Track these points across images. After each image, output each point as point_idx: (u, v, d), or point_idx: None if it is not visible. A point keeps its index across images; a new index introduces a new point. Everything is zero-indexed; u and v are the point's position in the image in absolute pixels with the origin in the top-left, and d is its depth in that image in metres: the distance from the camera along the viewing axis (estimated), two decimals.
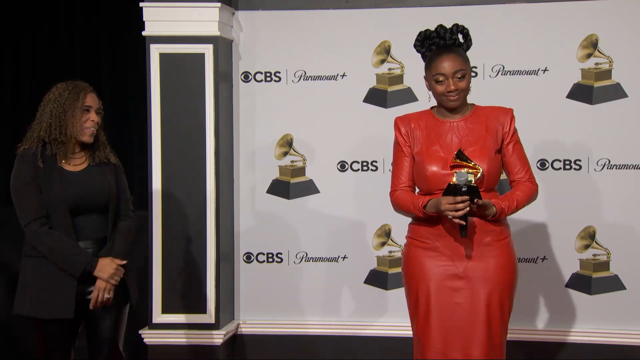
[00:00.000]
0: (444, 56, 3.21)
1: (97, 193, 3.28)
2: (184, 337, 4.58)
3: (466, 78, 3.21)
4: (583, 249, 4.52)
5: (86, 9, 5.37)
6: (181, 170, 4.54)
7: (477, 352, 3.14)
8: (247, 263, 4.80)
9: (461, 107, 3.27)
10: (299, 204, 4.74)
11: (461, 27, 3.27)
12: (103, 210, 3.30)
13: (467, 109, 3.29)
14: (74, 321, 3.27)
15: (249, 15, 4.72)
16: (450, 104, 3.23)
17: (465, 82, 3.21)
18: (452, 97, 3.21)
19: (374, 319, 4.71)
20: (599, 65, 4.45)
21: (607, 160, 4.47)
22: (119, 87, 5.34)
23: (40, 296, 3.20)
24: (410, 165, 3.30)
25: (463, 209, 3.03)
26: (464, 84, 3.21)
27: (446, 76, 3.19)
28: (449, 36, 3.23)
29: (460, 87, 3.20)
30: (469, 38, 3.28)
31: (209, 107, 4.52)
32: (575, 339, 4.51)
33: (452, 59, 3.20)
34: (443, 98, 3.23)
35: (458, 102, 3.23)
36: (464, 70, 3.20)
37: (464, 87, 3.21)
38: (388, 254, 4.70)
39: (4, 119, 5.49)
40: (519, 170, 3.27)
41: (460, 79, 3.20)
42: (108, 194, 3.31)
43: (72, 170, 3.28)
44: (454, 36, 3.24)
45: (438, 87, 3.21)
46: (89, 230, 3.27)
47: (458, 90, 3.20)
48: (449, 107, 3.25)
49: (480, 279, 3.16)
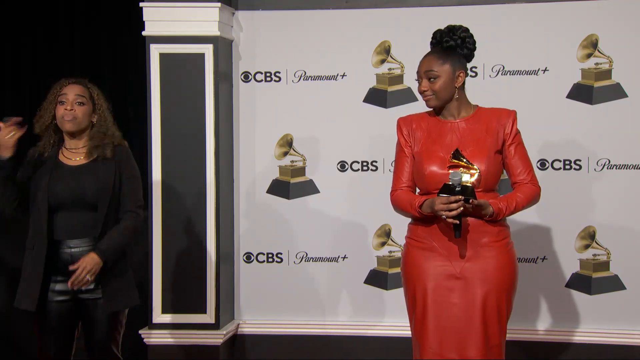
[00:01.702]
0: (426, 56, 3.25)
1: (84, 188, 3.27)
2: (184, 337, 4.58)
3: (440, 80, 3.19)
4: (583, 249, 4.52)
5: (86, 8, 5.36)
6: (181, 170, 4.54)
7: (473, 352, 3.13)
8: (247, 263, 4.80)
9: (461, 107, 3.27)
10: (299, 204, 4.74)
11: (463, 29, 3.25)
12: (94, 208, 3.29)
13: (469, 110, 3.29)
14: (69, 320, 3.28)
15: (249, 15, 4.72)
16: (427, 104, 3.27)
17: (439, 85, 3.20)
18: (425, 97, 3.24)
19: (374, 319, 4.71)
20: (599, 65, 4.45)
21: (607, 160, 4.47)
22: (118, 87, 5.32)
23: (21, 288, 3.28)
24: (410, 166, 3.30)
25: (457, 209, 3.03)
26: (435, 86, 3.20)
27: (420, 75, 3.23)
28: (444, 37, 3.23)
29: (431, 88, 3.21)
30: (469, 42, 3.24)
31: (209, 107, 4.53)
32: (575, 339, 4.51)
33: (429, 59, 3.23)
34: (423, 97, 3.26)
35: (433, 103, 3.24)
36: (434, 72, 3.19)
37: (436, 89, 3.20)
38: (388, 254, 4.70)
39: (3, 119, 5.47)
40: (521, 172, 3.26)
41: (432, 80, 3.20)
42: (97, 191, 3.28)
43: (68, 164, 3.29)
44: (447, 38, 3.23)
45: (418, 85, 3.25)
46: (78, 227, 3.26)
47: (429, 91, 3.21)
48: (428, 106, 3.28)
49: (478, 280, 3.16)
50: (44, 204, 3.23)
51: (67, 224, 3.26)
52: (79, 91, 3.34)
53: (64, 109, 3.31)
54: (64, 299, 3.27)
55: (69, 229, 3.26)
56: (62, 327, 3.27)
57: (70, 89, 3.33)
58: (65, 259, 3.25)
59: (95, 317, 3.29)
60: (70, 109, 3.30)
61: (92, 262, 3.21)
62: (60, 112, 3.31)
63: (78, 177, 3.28)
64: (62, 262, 3.25)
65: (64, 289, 3.26)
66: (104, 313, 3.29)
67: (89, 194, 3.27)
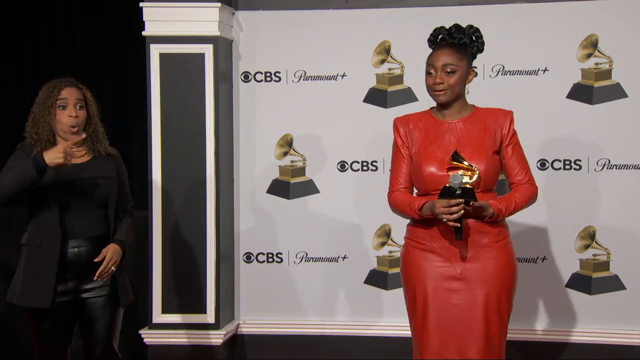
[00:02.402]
0: (439, 50, 3.21)
1: (93, 187, 3.25)
2: (184, 337, 4.58)
3: (457, 75, 3.18)
4: (583, 249, 4.52)
5: (86, 9, 5.36)
6: (181, 170, 4.54)
7: (474, 353, 3.13)
8: (247, 263, 4.80)
9: (460, 107, 3.26)
10: (298, 204, 4.74)
11: (474, 29, 3.25)
12: (101, 205, 3.28)
13: (466, 110, 3.28)
14: (68, 320, 3.27)
15: (249, 15, 4.72)
16: (437, 98, 3.22)
17: (455, 79, 3.18)
18: (438, 91, 3.19)
19: (374, 319, 4.71)
20: (599, 65, 4.45)
21: (607, 160, 4.47)
22: (118, 87, 5.33)
23: (26, 286, 3.21)
24: (408, 167, 3.30)
25: (457, 212, 3.03)
26: (452, 80, 3.18)
27: (435, 68, 3.18)
28: (457, 35, 3.22)
29: (447, 82, 3.17)
30: (479, 41, 3.25)
31: (209, 107, 4.52)
32: (575, 339, 4.51)
33: (446, 53, 3.19)
34: (431, 92, 3.22)
35: (445, 98, 3.20)
36: (454, 66, 3.17)
37: (452, 83, 3.18)
38: (388, 254, 4.70)
39: (4, 119, 5.48)
40: (519, 172, 3.26)
41: (449, 73, 3.17)
42: (106, 189, 3.28)
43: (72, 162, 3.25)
44: (460, 35, 3.22)
45: (428, 79, 3.21)
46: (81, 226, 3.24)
47: (444, 84, 3.18)
48: (437, 102, 3.24)
49: (478, 280, 3.16)
50: (55, 202, 3.20)
51: (73, 222, 3.24)
52: (77, 94, 3.29)
53: (67, 116, 3.24)
54: (66, 299, 3.25)
55: (75, 227, 3.24)
56: (62, 328, 3.26)
57: (69, 93, 3.27)
58: (70, 258, 3.24)
59: (98, 315, 3.29)
60: (76, 116, 3.26)
61: (117, 252, 3.24)
62: (64, 118, 3.24)
63: (85, 174, 3.26)
64: (66, 260, 3.23)
65: (67, 289, 3.24)
66: (108, 311, 3.30)
67: (100, 192, 3.27)
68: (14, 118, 5.47)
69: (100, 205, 3.28)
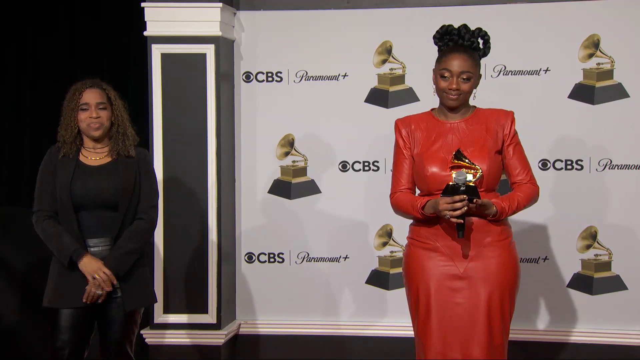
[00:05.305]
0: (455, 54, 3.20)
1: (105, 189, 3.28)
2: (186, 337, 4.58)
3: (471, 81, 3.21)
4: (585, 249, 4.52)
5: (86, 9, 5.36)
6: (183, 170, 4.54)
7: (477, 352, 3.13)
8: (248, 263, 4.80)
9: (462, 108, 3.27)
10: (300, 204, 4.74)
11: (484, 32, 3.27)
12: (114, 207, 3.30)
13: (467, 111, 3.29)
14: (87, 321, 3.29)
15: (251, 16, 4.72)
16: (449, 102, 3.23)
17: (469, 85, 3.21)
18: (452, 96, 3.21)
19: (376, 319, 4.71)
20: (600, 65, 4.45)
21: (608, 160, 4.47)
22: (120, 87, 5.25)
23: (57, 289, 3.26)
24: (410, 168, 3.30)
25: (461, 209, 3.03)
26: (466, 86, 3.20)
27: (452, 73, 3.19)
28: (468, 37, 3.23)
29: (462, 88, 3.19)
30: (487, 45, 3.27)
31: (210, 107, 4.53)
32: (576, 339, 4.51)
33: (463, 58, 3.19)
34: (443, 94, 3.23)
35: (456, 103, 3.23)
36: (470, 73, 3.19)
37: (466, 90, 3.21)
38: (389, 254, 4.70)
39: (4, 119, 5.48)
40: (520, 172, 3.27)
41: (465, 80, 3.19)
42: (117, 191, 3.30)
43: (89, 164, 3.31)
44: (473, 38, 3.23)
45: (442, 82, 3.21)
46: (97, 226, 3.28)
47: (459, 91, 3.20)
48: (447, 105, 3.24)
49: (481, 279, 3.16)
50: (69, 204, 3.25)
51: (87, 223, 3.28)
52: (99, 96, 3.34)
53: (88, 117, 3.31)
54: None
55: (89, 229, 3.28)
56: (79, 327, 3.28)
57: (90, 95, 3.33)
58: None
59: (113, 316, 3.31)
60: (97, 117, 3.31)
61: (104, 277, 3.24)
62: (85, 119, 3.31)
63: (99, 177, 3.30)
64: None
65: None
66: (122, 312, 3.31)
67: (109, 194, 3.29)
68: (15, 118, 5.47)
69: (113, 208, 3.31)
